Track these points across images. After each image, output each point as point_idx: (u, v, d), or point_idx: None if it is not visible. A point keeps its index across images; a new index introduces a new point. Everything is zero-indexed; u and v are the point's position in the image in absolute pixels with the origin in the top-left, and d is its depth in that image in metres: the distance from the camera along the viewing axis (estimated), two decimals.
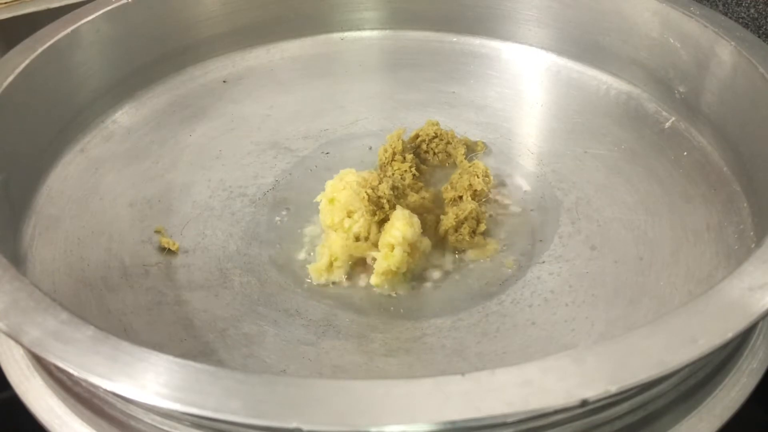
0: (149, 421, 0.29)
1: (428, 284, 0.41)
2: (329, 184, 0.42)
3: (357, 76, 0.59)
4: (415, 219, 0.41)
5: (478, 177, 0.45)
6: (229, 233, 0.44)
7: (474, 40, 0.60)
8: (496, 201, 0.46)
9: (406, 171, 0.46)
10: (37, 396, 0.34)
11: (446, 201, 0.45)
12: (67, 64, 0.49)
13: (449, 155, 0.49)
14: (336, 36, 0.62)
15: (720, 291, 0.29)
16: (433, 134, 0.49)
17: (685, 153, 0.49)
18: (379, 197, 0.41)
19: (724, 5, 0.59)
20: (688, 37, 0.49)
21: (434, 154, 0.49)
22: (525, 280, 0.41)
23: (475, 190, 0.44)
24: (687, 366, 0.26)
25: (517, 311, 0.39)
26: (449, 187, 0.45)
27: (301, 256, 0.43)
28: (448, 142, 0.49)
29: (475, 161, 0.47)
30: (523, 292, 0.40)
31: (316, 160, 0.50)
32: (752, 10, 0.58)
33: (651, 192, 0.46)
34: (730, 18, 0.51)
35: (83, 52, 0.50)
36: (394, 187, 0.42)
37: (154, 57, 0.55)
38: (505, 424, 0.26)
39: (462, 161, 0.47)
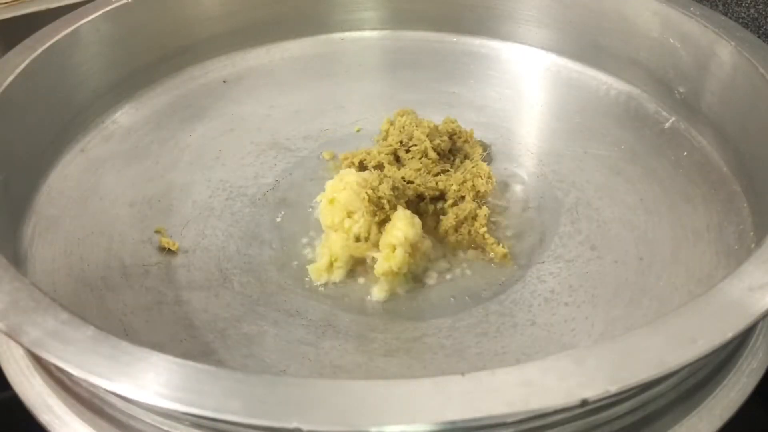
0: (149, 421, 0.29)
1: (428, 284, 0.41)
2: (329, 185, 0.42)
3: (357, 76, 0.59)
4: (417, 219, 0.41)
5: (481, 178, 0.45)
6: (229, 233, 0.44)
7: (474, 40, 0.60)
8: (496, 201, 0.46)
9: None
10: (37, 396, 0.34)
11: (448, 202, 0.44)
12: (67, 64, 0.49)
13: (466, 155, 0.49)
14: (336, 36, 0.62)
15: (720, 291, 0.29)
16: (451, 131, 0.48)
17: (685, 153, 0.49)
18: (380, 198, 0.41)
19: (724, 5, 0.59)
20: (688, 37, 0.49)
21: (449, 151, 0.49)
22: (525, 280, 0.41)
23: (478, 191, 0.44)
24: (687, 366, 0.26)
25: (517, 311, 0.39)
26: (452, 187, 0.45)
27: (302, 256, 0.43)
28: (466, 141, 0.49)
29: (479, 162, 0.47)
30: (523, 292, 0.40)
31: (316, 160, 0.50)
32: (752, 10, 0.58)
33: (651, 192, 0.46)
34: (730, 18, 0.51)
35: (83, 52, 0.50)
36: (394, 188, 0.42)
37: (154, 57, 0.55)
38: (505, 424, 0.26)
39: (478, 161, 0.47)
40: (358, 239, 0.41)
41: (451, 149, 0.48)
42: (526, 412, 0.24)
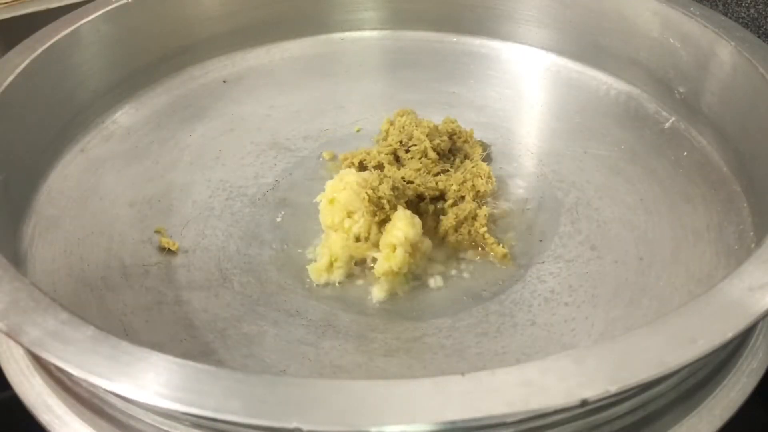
0: (149, 421, 0.29)
1: (428, 284, 0.41)
2: (329, 185, 0.42)
3: (357, 76, 0.59)
4: (417, 219, 0.41)
5: (481, 178, 0.45)
6: (229, 233, 0.44)
7: (474, 40, 0.60)
8: (495, 201, 0.46)
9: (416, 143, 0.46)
10: (37, 396, 0.34)
11: (448, 202, 0.44)
12: (67, 64, 0.49)
13: (466, 155, 0.49)
14: (336, 36, 0.62)
15: (720, 291, 0.29)
16: (451, 131, 0.48)
17: (685, 153, 0.49)
18: (380, 198, 0.41)
19: (724, 5, 0.59)
20: (688, 37, 0.49)
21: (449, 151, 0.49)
22: (525, 280, 0.41)
23: (478, 191, 0.44)
24: (687, 366, 0.26)
25: (517, 311, 0.39)
26: (452, 188, 0.45)
27: (302, 256, 0.43)
28: (466, 141, 0.49)
29: (479, 162, 0.47)
30: (523, 292, 0.40)
31: (316, 160, 0.50)
32: (752, 10, 0.58)
33: (651, 192, 0.46)
34: (730, 18, 0.51)
35: (83, 52, 0.50)
36: (394, 188, 0.42)
37: (154, 57, 0.55)
38: (505, 424, 0.26)
39: (478, 161, 0.47)
40: (358, 239, 0.41)
41: (451, 149, 0.48)
42: (526, 412, 0.24)
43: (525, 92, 0.56)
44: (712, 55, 0.47)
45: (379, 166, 0.46)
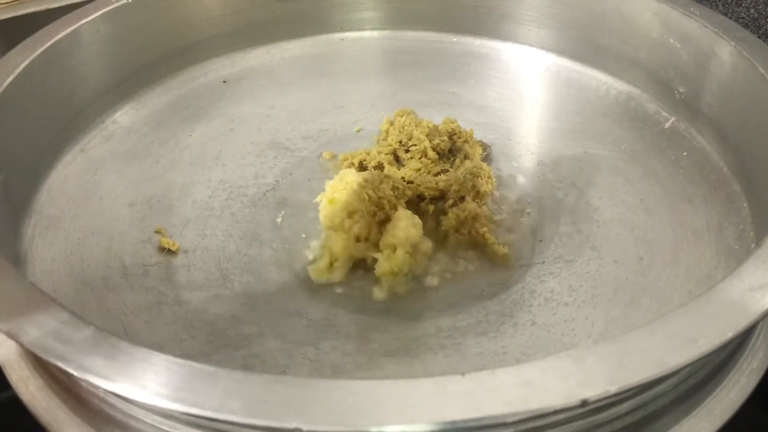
0: (149, 421, 0.29)
1: (428, 285, 0.41)
2: (329, 184, 0.42)
3: (357, 76, 0.59)
4: (417, 220, 0.41)
5: (481, 178, 0.45)
6: (229, 233, 0.44)
7: (474, 40, 0.60)
8: (496, 201, 0.46)
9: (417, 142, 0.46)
10: (37, 396, 0.34)
11: (448, 202, 0.44)
12: (67, 64, 0.49)
13: (466, 155, 0.49)
14: (336, 36, 0.62)
15: (720, 291, 0.29)
16: (451, 131, 0.49)
17: (685, 153, 0.49)
18: (380, 198, 0.41)
19: (724, 5, 0.59)
20: (688, 37, 0.49)
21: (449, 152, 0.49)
22: (525, 280, 0.41)
23: (478, 192, 0.44)
24: (687, 366, 0.26)
25: (517, 311, 0.39)
26: (453, 188, 0.45)
27: (302, 256, 0.43)
28: (466, 141, 0.49)
29: (479, 162, 0.47)
30: (523, 292, 0.40)
31: (316, 160, 0.50)
32: (752, 10, 0.58)
33: (651, 192, 0.46)
34: (730, 18, 0.52)
35: (83, 52, 0.51)
36: (394, 188, 0.42)
37: (154, 57, 0.55)
38: (505, 424, 0.26)
39: (478, 161, 0.47)
40: (358, 239, 0.41)
41: (451, 149, 0.48)
42: (526, 412, 0.24)
43: (525, 92, 0.56)
44: (712, 55, 0.47)
45: (379, 166, 0.47)
